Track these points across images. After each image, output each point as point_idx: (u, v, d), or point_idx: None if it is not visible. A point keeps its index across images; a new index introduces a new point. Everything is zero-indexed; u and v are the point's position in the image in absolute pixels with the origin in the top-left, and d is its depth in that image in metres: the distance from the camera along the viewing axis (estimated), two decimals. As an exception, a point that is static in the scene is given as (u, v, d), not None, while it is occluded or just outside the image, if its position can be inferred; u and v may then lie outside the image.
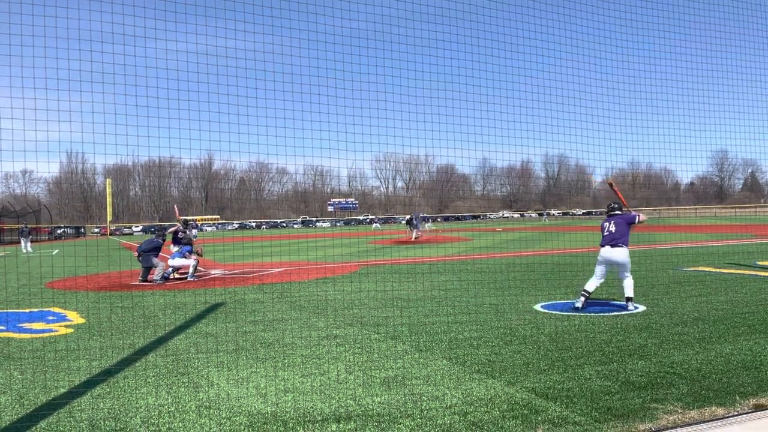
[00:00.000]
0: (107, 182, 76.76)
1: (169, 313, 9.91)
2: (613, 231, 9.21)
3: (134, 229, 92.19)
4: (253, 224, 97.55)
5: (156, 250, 15.56)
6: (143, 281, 15.01)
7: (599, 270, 9.32)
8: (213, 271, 17.78)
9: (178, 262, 15.66)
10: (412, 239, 32.32)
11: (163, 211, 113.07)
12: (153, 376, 5.93)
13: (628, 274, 9.12)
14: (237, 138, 9.07)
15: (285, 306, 10.31)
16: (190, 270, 15.44)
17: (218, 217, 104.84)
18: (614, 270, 9.31)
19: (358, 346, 6.99)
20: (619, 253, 9.10)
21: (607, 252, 9.19)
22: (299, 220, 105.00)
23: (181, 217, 18.43)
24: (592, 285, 9.25)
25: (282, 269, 17.60)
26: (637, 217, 9.46)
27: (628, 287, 9.05)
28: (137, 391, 5.42)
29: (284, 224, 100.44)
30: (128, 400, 5.15)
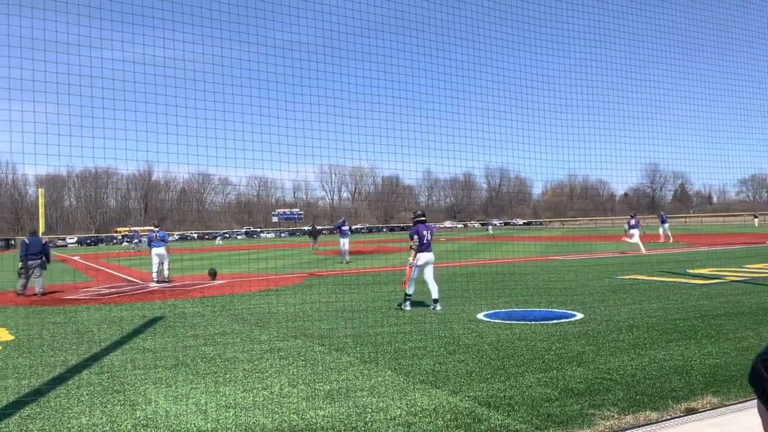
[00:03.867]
0: (40, 192, 73.55)
1: (104, 328, 9.54)
2: (431, 239, 10.62)
3: (69, 240, 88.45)
4: (195, 235, 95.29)
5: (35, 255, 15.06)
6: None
7: (417, 272, 10.57)
8: (152, 284, 17.24)
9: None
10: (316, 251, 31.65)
11: (99, 222, 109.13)
12: (87, 395, 5.68)
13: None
14: (177, 149, 8.87)
15: (227, 319, 10.10)
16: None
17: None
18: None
19: (302, 358, 6.91)
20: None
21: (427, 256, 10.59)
22: (243, 231, 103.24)
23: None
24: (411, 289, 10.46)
25: (224, 281, 17.25)
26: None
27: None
28: (69, 411, 5.18)
29: (227, 235, 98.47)
30: (60, 421, 4.92)
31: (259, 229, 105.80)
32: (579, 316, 9.21)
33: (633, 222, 25.42)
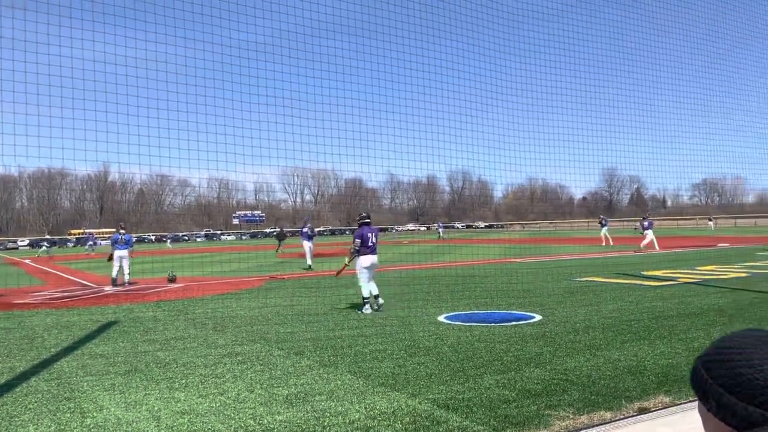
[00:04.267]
0: (-11, 193, 70.94)
1: (55, 334, 9.24)
2: (375, 241, 10.74)
3: (20, 242, 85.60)
4: (152, 237, 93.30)
5: None
6: None
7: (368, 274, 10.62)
8: (107, 288, 16.80)
9: None
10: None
11: (52, 224, 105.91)
12: (35, 402, 5.49)
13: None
14: (137, 149, 8.66)
15: (184, 323, 9.90)
16: None
17: (114, 230, 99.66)
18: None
19: (261, 363, 6.81)
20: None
21: (372, 258, 10.68)
22: (202, 233, 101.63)
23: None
24: (367, 290, 10.51)
25: (182, 285, 16.93)
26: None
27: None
28: (17, 419, 4.99)
29: (186, 237, 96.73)
30: (7, 429, 4.74)
31: (219, 232, 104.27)
32: (537, 317, 9.33)
33: (646, 223, 27.17)
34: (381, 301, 10.64)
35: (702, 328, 8.06)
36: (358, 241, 10.64)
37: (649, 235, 26.92)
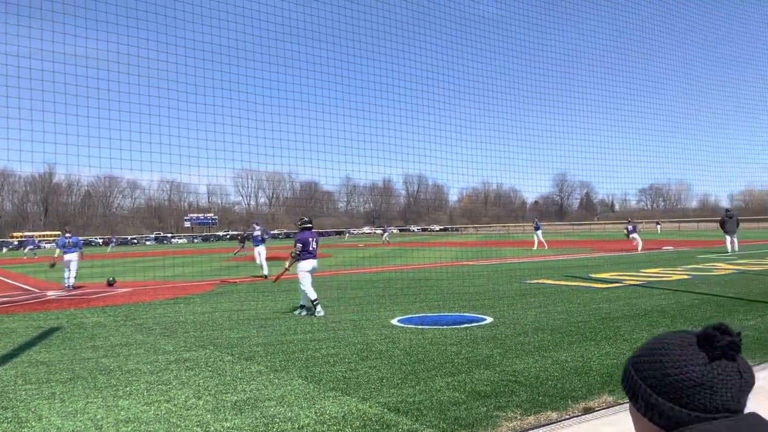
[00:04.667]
0: (-76, 194, 67.58)
1: (-7, 341, 8.85)
2: (316, 246, 10.90)
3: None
4: (100, 240, 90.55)
5: None
6: None
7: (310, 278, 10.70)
8: (50, 293, 16.21)
9: None
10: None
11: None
12: (-32, 414, 5.23)
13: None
14: (86, 151, 8.39)
15: (130, 329, 9.63)
16: None
17: (59, 233, 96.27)
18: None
19: (210, 369, 6.68)
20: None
21: (313, 263, 10.79)
22: (152, 236, 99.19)
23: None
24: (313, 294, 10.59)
25: (130, 289, 16.48)
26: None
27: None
28: (-54, 433, 4.75)
29: (135, 241, 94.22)
30: (-67, 444, 4.50)
31: (170, 235, 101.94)
32: (489, 319, 9.45)
33: (630, 228, 30.01)
34: (304, 312, 10.60)
35: (646, 328, 8.31)
36: (299, 245, 10.67)
37: (637, 237, 29.43)
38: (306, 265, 10.65)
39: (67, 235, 17.45)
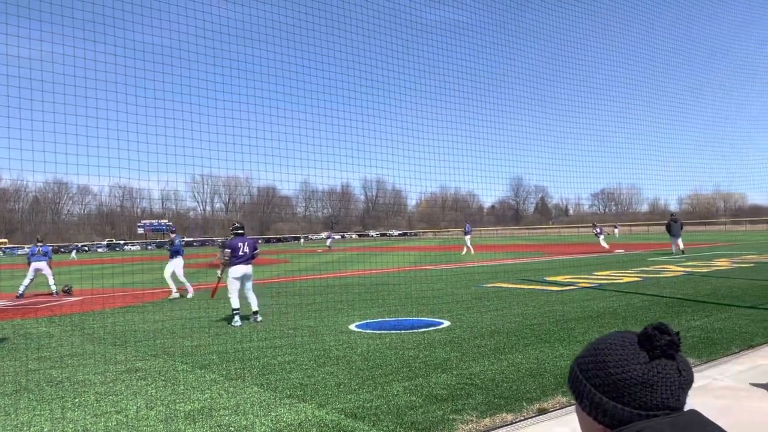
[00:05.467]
0: None
1: (-69, 354, 8.45)
2: (248, 252, 10.60)
3: None
4: (51, 251, 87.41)
5: None
6: None
7: (238, 285, 10.49)
8: (11, 301, 15.58)
9: None
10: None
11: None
12: None
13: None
14: (30, 155, 8.10)
15: (80, 339, 9.34)
16: None
17: (6, 240, 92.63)
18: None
19: (163, 378, 6.53)
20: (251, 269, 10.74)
21: (244, 269, 10.53)
22: (104, 243, 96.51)
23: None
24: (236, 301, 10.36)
25: (79, 298, 15.98)
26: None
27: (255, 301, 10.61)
28: None
29: (86, 248, 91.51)
30: None
31: (122, 242, 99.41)
32: (446, 323, 9.52)
33: (597, 230, 34.47)
34: (259, 318, 10.50)
35: (598, 330, 8.50)
36: (228, 251, 10.58)
37: (602, 239, 33.79)
38: (235, 271, 10.47)
39: (39, 244, 17.56)
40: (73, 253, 64.79)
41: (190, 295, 14.97)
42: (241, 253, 10.50)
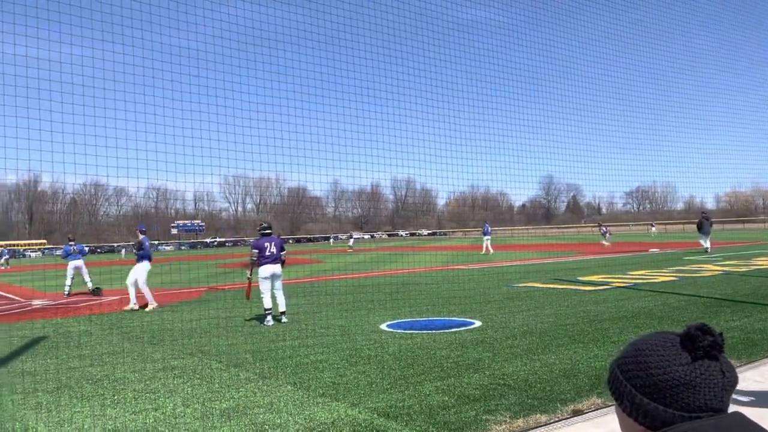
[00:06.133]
0: None
1: (-23, 352, 8.74)
2: (275, 252, 10.65)
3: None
4: (86, 249, 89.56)
5: None
6: None
7: (267, 285, 10.55)
8: (35, 302, 16.04)
9: None
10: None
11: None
12: (-48, 426, 5.17)
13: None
14: (72, 158, 8.31)
15: (117, 338, 9.55)
16: None
17: (45, 241, 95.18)
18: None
19: (198, 376, 6.64)
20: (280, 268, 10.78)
21: (272, 268, 10.58)
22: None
23: None
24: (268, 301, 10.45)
25: (117, 297, 16.35)
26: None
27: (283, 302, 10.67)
28: (-71, 445, 4.69)
29: (122, 248, 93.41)
30: None
31: (156, 242, 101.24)
32: (477, 323, 9.47)
33: (603, 230, 38.01)
34: (284, 319, 10.54)
35: (633, 330, 8.36)
36: (255, 251, 10.65)
37: (606, 239, 36.98)
38: (263, 271, 10.53)
39: (71, 243, 17.91)
40: (123, 252, 66.26)
41: (150, 308, 13.01)
42: (268, 253, 10.58)
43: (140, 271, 13.55)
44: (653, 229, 62.62)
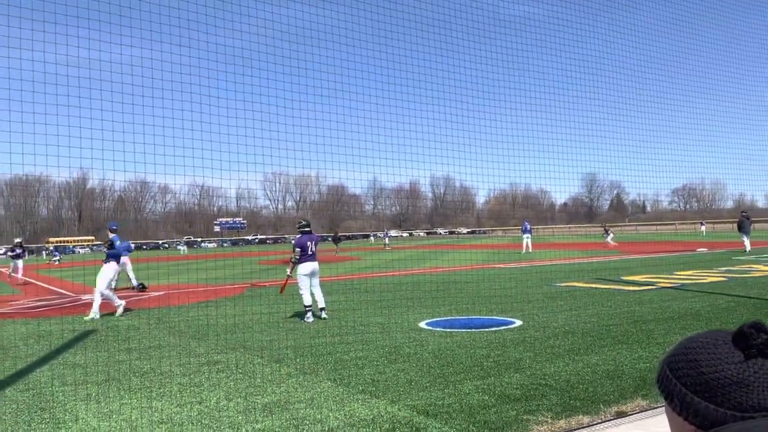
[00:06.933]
0: (-36, 200, 69.75)
1: (31, 343, 9.09)
2: (315, 249, 10.88)
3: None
4: (132, 245, 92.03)
5: None
6: None
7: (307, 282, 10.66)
8: (84, 296, 16.57)
9: None
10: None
11: (30, 232, 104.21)
12: (10, 413, 5.39)
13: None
14: (120, 156, 8.55)
15: (162, 332, 9.80)
16: None
17: (93, 238, 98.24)
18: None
19: (240, 371, 6.76)
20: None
21: (312, 266, 10.74)
22: (183, 240, 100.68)
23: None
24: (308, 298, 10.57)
25: (162, 293, 16.76)
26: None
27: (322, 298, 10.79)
28: (-12, 432, 4.90)
29: (166, 245, 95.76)
30: (-24, 443, 4.65)
31: (200, 239, 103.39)
32: (518, 323, 9.38)
33: (608, 233, 39.32)
34: (325, 315, 10.63)
35: (679, 332, 8.15)
36: (298, 249, 10.73)
37: (609, 239, 38.19)
38: (304, 269, 10.66)
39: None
40: (184, 248, 67.76)
41: (120, 310, 12.05)
42: (309, 252, 10.75)
43: (106, 272, 12.21)
44: (702, 227, 60.62)
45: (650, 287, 13.70)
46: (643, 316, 9.60)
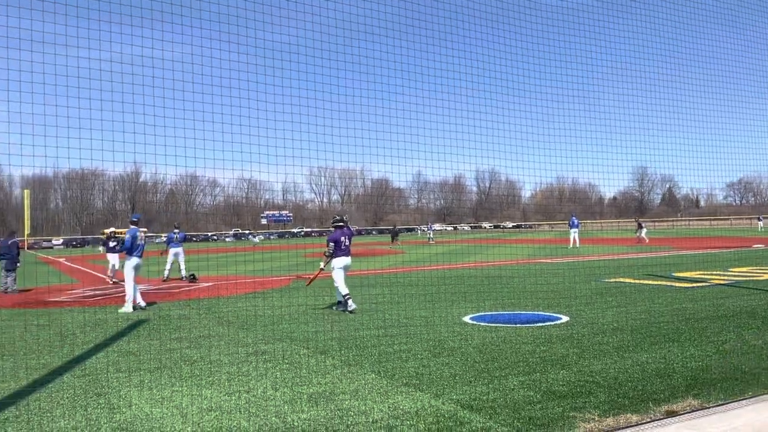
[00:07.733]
0: (25, 194, 72.86)
1: (87, 331, 9.46)
2: (349, 243, 11.03)
3: (54, 242, 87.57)
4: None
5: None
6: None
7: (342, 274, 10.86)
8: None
9: None
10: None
11: (86, 224, 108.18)
12: (67, 398, 5.63)
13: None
14: (172, 150, 8.79)
15: (212, 322, 10.04)
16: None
17: (146, 230, 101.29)
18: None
19: (286, 361, 6.88)
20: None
21: (346, 260, 10.96)
22: (231, 233, 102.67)
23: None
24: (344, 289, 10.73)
25: (210, 284, 17.16)
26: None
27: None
28: (49, 414, 5.12)
29: (215, 237, 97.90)
30: (39, 424, 4.87)
31: (247, 232, 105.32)
32: (564, 318, 9.23)
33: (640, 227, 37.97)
34: (348, 304, 10.69)
35: (733, 330, 7.89)
36: (332, 244, 10.87)
37: (643, 233, 36.89)
38: (339, 262, 10.84)
39: (176, 231, 19.14)
40: (257, 238, 69.41)
41: (123, 309, 11.81)
42: (343, 246, 10.92)
43: (127, 268, 12.28)
44: (760, 223, 58.12)
45: (703, 284, 13.27)
46: (695, 313, 9.32)
